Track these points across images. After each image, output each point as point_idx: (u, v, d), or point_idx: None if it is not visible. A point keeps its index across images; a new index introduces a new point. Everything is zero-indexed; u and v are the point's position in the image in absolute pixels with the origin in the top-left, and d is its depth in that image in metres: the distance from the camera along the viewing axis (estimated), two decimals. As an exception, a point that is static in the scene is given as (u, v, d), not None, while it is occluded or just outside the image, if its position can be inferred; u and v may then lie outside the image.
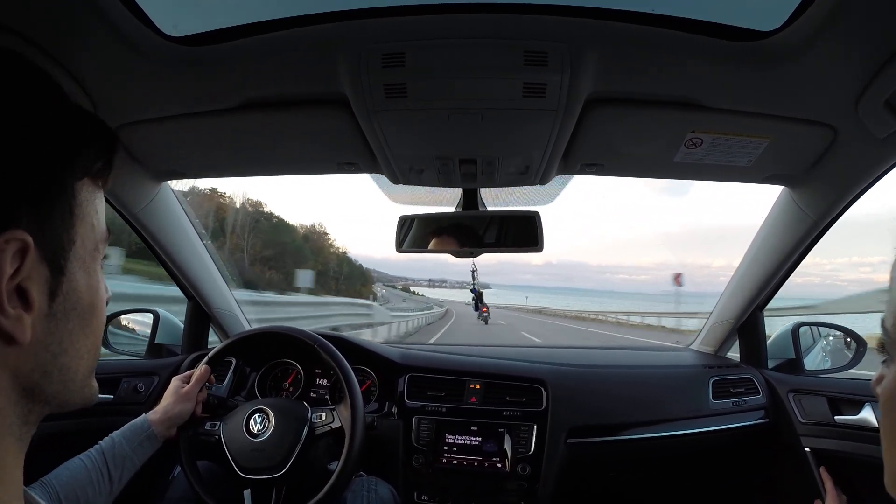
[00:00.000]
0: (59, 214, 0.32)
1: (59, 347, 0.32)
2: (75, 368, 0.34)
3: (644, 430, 1.23)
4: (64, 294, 0.32)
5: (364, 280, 48.17)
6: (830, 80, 0.71)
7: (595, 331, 16.40)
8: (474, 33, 0.67)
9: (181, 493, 1.10)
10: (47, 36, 0.65)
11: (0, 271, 0.28)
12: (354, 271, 47.70)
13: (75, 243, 0.33)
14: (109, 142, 0.36)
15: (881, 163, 0.86)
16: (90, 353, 0.35)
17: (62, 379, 0.33)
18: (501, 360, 1.33)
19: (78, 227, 0.33)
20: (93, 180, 0.35)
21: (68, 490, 0.73)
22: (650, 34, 0.67)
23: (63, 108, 0.33)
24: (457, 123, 0.82)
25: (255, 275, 25.23)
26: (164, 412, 0.92)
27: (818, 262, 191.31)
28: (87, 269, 0.34)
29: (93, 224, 0.35)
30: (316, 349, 1.00)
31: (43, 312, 0.31)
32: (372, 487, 1.04)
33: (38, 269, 0.30)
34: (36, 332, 0.30)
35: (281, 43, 0.70)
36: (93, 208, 0.35)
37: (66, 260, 0.32)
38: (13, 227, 0.28)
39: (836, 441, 1.12)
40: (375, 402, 1.27)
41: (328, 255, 43.80)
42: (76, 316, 0.33)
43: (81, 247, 0.33)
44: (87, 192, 0.34)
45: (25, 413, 0.32)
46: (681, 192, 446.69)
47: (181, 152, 1.00)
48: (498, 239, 1.08)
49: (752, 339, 1.39)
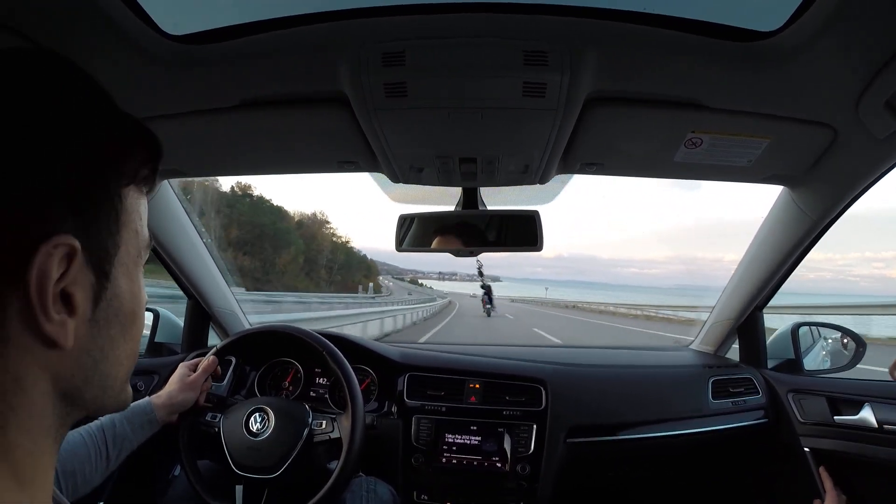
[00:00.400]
0: (105, 220, 0.32)
1: (100, 353, 0.33)
2: (115, 375, 0.34)
3: (644, 429, 1.23)
4: (107, 300, 0.32)
5: (367, 271, 47.43)
6: (830, 81, 0.71)
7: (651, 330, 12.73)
8: (474, 33, 0.67)
9: (181, 493, 1.10)
10: (47, 35, 0.65)
11: (47, 276, 0.28)
12: (354, 261, 46.76)
13: (120, 249, 0.33)
14: (155, 149, 0.36)
15: (881, 163, 0.86)
16: (129, 360, 0.36)
17: (102, 385, 0.33)
18: (501, 360, 1.33)
19: (123, 232, 0.33)
20: (138, 186, 0.35)
21: (66, 463, 0.74)
22: (650, 34, 0.67)
23: (111, 114, 0.33)
24: (457, 122, 0.82)
25: (225, 263, 23.60)
26: (169, 397, 0.94)
27: (830, 258, 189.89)
28: (130, 275, 0.34)
29: (136, 230, 0.35)
30: (324, 355, 1.00)
31: (86, 318, 0.31)
32: (371, 487, 1.04)
33: (84, 274, 0.30)
34: (79, 338, 0.30)
35: (281, 42, 0.70)
36: (137, 214, 0.35)
37: (111, 266, 0.32)
38: (62, 232, 0.28)
39: (835, 441, 1.12)
40: (375, 401, 1.27)
41: (323, 242, 42.56)
42: (118, 322, 0.33)
43: (126, 253, 0.34)
44: (132, 199, 0.34)
45: (63, 416, 0.32)
46: (693, 186, 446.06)
47: (181, 151, 1.00)
48: (498, 238, 1.08)
49: (751, 339, 1.39)
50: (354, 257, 49.08)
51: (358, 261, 48.95)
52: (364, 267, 49.54)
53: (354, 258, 48.47)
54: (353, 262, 47.65)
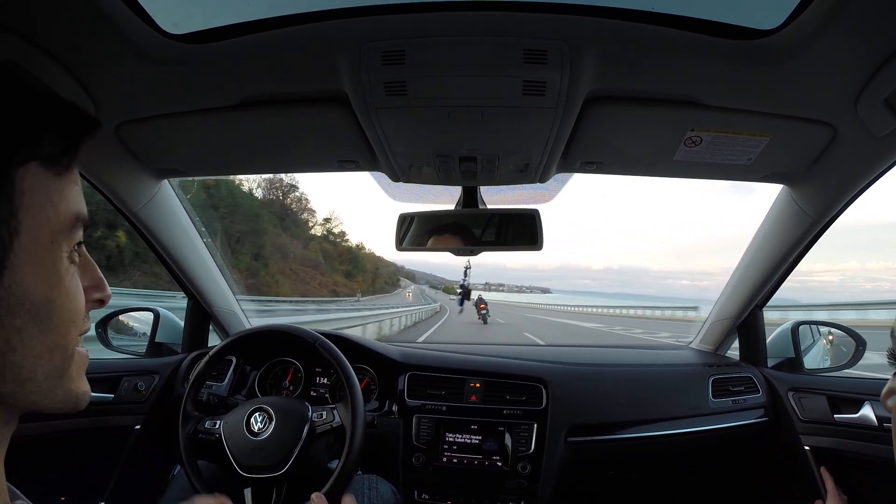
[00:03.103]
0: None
1: (5, 345, 0.31)
2: (31, 368, 0.32)
3: (644, 428, 1.23)
4: (6, 288, 0.30)
5: (358, 268, 50.35)
6: (830, 79, 0.71)
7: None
8: (474, 31, 0.67)
9: (181, 493, 1.10)
10: (47, 35, 0.65)
11: None
12: (384, 271, 51.04)
13: (20, 235, 0.30)
14: (72, 124, 0.33)
15: (880, 161, 0.86)
16: (52, 353, 0.33)
17: (16, 378, 0.31)
18: (501, 359, 1.33)
19: (23, 217, 0.31)
20: (44, 166, 0.32)
21: None
22: (650, 32, 0.67)
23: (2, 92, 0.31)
24: (457, 121, 0.82)
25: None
26: None
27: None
28: (42, 262, 0.32)
29: (47, 215, 0.32)
30: (317, 348, 1.00)
31: None
32: (372, 486, 1.04)
33: None
34: None
35: (281, 40, 0.70)
36: (46, 196, 0.32)
37: (8, 253, 0.30)
38: None
39: (835, 440, 1.12)
40: (375, 400, 1.27)
41: (367, 262, 46.21)
42: (24, 312, 0.31)
43: (31, 239, 0.31)
44: (34, 179, 0.31)
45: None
46: (749, 190, 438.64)
47: (181, 150, 1.00)
48: (498, 237, 1.08)
49: (751, 338, 1.39)
50: (359, 255, 52.88)
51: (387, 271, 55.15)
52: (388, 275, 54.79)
53: (384, 268, 54.40)
54: (383, 271, 53.66)
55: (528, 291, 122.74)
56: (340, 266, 47.54)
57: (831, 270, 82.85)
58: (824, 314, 12.22)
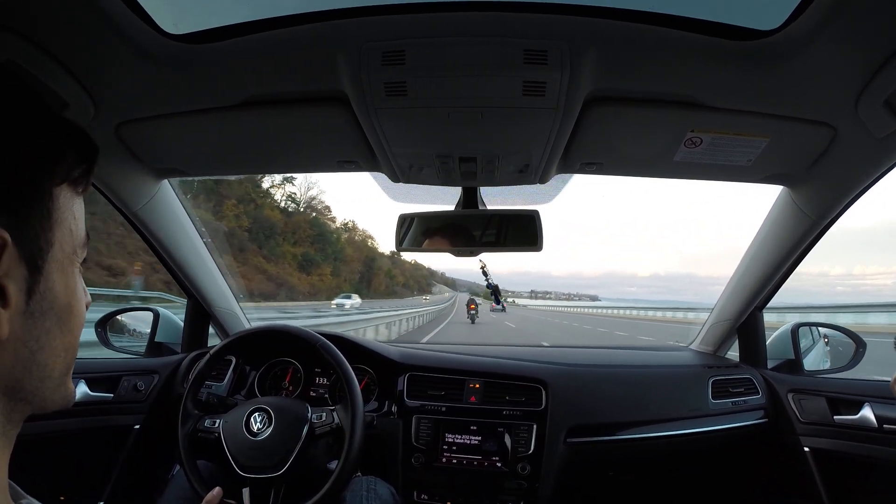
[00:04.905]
0: (37, 217, 0.33)
1: (36, 344, 0.34)
2: (52, 366, 0.35)
3: (643, 429, 1.23)
4: (41, 293, 0.33)
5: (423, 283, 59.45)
6: (830, 80, 0.71)
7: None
8: (474, 31, 0.67)
9: (180, 493, 1.10)
10: (47, 35, 0.65)
11: None
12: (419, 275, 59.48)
13: (53, 246, 0.34)
14: (88, 151, 0.37)
15: (880, 162, 0.86)
16: (67, 352, 0.36)
17: (40, 376, 0.34)
18: (501, 360, 1.33)
19: (55, 230, 0.34)
20: (72, 186, 0.36)
21: None
22: (650, 33, 0.67)
23: (42, 118, 0.34)
24: (457, 121, 0.82)
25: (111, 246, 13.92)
26: None
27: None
28: (65, 271, 0.35)
29: (70, 229, 0.36)
30: (317, 349, 1.00)
31: (20, 309, 0.32)
32: (371, 487, 1.04)
33: (17, 267, 0.31)
34: (14, 329, 0.32)
35: (281, 41, 0.70)
36: (70, 214, 0.36)
37: (44, 261, 0.33)
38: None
39: (835, 441, 1.12)
40: (375, 400, 1.27)
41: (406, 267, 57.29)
42: (53, 315, 0.34)
43: (59, 250, 0.35)
44: (65, 198, 0.35)
45: (8, 411, 0.33)
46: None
47: (181, 150, 1.00)
48: (497, 238, 1.08)
49: (751, 339, 1.39)
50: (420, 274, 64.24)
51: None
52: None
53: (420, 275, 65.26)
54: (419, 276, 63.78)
55: (576, 299, 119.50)
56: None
57: (885, 273, 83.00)
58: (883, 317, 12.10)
